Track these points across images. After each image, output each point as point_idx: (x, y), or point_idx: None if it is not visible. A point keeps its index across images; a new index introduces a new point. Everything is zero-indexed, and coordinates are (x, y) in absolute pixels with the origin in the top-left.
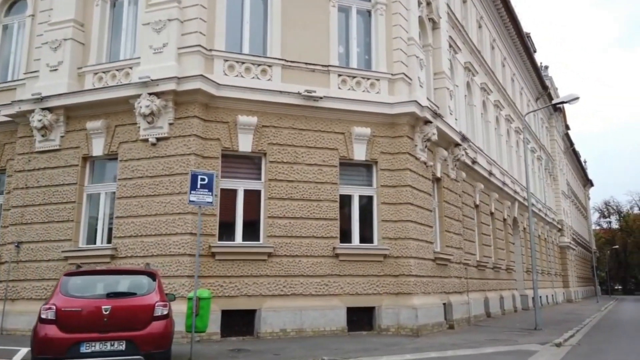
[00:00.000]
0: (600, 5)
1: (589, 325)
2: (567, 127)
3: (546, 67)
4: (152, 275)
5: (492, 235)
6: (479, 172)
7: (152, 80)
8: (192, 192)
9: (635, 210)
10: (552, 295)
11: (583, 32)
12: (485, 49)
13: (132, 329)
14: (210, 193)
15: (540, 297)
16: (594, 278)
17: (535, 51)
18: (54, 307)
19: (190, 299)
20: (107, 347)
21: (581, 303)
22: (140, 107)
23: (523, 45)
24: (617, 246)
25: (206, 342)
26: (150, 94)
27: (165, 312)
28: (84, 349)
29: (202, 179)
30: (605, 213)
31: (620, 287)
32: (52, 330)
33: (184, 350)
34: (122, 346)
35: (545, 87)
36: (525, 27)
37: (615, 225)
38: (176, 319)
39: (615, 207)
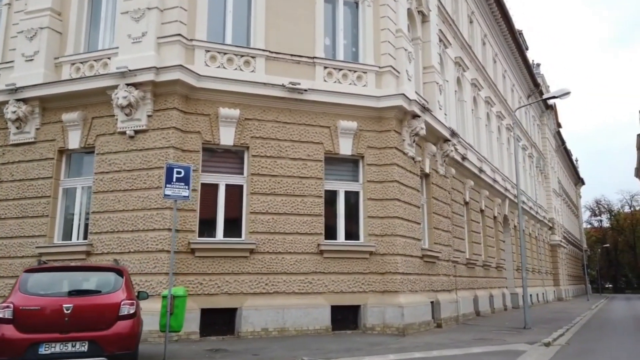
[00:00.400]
0: (594, 5)
1: (579, 324)
2: (559, 125)
3: (538, 65)
4: (120, 272)
5: (482, 232)
6: (469, 168)
7: (130, 70)
8: (168, 185)
9: (626, 209)
10: (543, 294)
11: (577, 31)
12: (476, 44)
13: (96, 329)
14: (186, 187)
15: (531, 295)
16: (584, 276)
17: (527, 49)
18: (12, 305)
19: (164, 297)
20: (68, 348)
21: (572, 301)
22: (118, 98)
23: (515, 42)
24: (607, 245)
25: (184, 342)
26: (128, 84)
27: (132, 311)
28: (42, 350)
29: (178, 172)
30: (597, 211)
31: (610, 285)
32: (9, 331)
33: (158, 350)
34: (85, 347)
35: (536, 85)
36: (517, 24)
37: (606, 223)
38: (152, 318)
39: (606, 206)
